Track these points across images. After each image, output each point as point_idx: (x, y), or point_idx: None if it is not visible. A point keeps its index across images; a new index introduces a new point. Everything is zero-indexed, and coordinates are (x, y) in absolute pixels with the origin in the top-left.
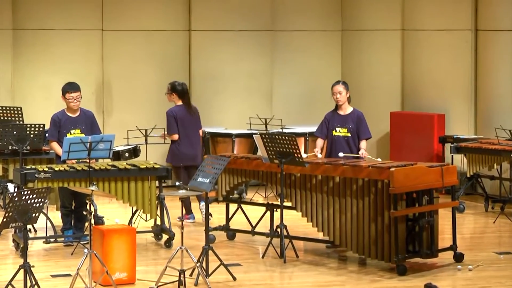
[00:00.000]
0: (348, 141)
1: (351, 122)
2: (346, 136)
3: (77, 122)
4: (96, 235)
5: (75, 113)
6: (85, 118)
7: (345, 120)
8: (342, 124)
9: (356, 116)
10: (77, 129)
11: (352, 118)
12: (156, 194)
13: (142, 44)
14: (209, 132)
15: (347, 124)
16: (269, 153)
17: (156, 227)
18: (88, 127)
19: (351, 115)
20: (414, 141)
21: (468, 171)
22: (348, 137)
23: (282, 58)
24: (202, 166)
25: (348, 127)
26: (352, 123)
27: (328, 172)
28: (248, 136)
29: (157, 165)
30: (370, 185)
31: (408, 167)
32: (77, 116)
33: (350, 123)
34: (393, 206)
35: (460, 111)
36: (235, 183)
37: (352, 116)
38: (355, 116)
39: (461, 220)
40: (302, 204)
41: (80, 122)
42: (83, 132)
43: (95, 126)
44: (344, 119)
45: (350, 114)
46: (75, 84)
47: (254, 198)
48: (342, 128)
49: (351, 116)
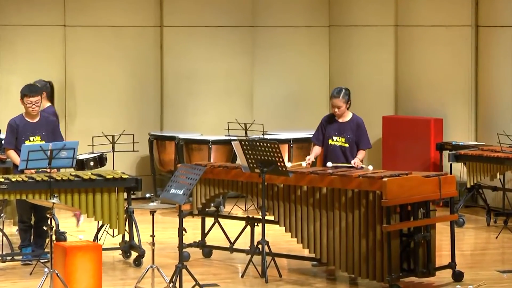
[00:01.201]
0: (345, 151)
1: (350, 131)
2: (343, 146)
3: (37, 128)
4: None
5: (34, 118)
6: (46, 124)
7: (343, 128)
8: (339, 133)
9: (356, 124)
10: (37, 136)
11: (351, 126)
12: (124, 207)
13: (109, 41)
14: (183, 139)
15: (345, 133)
16: (250, 161)
17: (124, 244)
18: (49, 133)
19: (350, 123)
20: (408, 149)
21: (468, 181)
22: (346, 147)
23: (263, 56)
24: (175, 176)
25: (346, 137)
26: (350, 132)
27: (315, 183)
28: (226, 143)
29: (126, 175)
30: (361, 197)
31: (402, 177)
32: (37, 121)
33: (348, 132)
34: (386, 220)
35: (459, 115)
36: (211, 194)
37: (351, 124)
38: (354, 124)
39: (461, 235)
40: (285, 217)
41: (40, 128)
42: (44, 139)
43: (57, 133)
44: (342, 128)
45: (349, 122)
46: (35, 87)
47: (233, 211)
48: (340, 137)
49: (350, 124)
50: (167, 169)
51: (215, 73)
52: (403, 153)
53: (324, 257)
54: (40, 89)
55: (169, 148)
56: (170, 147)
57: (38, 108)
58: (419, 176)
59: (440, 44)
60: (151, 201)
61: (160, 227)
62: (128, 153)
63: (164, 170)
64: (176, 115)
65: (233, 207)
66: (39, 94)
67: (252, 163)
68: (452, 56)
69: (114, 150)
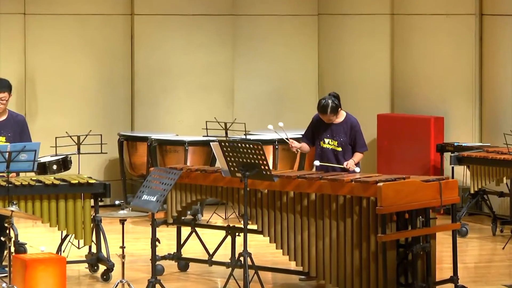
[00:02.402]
0: (337, 155)
1: (343, 134)
2: (335, 150)
3: (2, 128)
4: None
5: (1, 117)
6: (13, 124)
7: (336, 130)
8: (331, 135)
9: (350, 126)
10: (2, 137)
11: (344, 128)
12: (91, 215)
13: (75, 31)
14: (156, 139)
15: (337, 136)
16: (230, 164)
17: (91, 256)
18: (16, 134)
19: (343, 125)
20: (406, 150)
21: (472, 187)
22: (338, 151)
23: (245, 48)
24: (148, 181)
25: (339, 140)
26: (343, 135)
27: (302, 188)
28: (204, 144)
29: (92, 180)
30: (353, 204)
31: (399, 181)
32: (4, 120)
33: (341, 134)
34: (381, 229)
35: (462, 113)
36: (188, 201)
37: (344, 125)
38: (348, 125)
39: (464, 246)
40: (270, 227)
41: (6, 128)
42: (9, 141)
43: (26, 134)
44: (335, 130)
45: (342, 124)
46: (3, 82)
47: (212, 220)
48: (332, 140)
49: (343, 126)
50: (139, 173)
51: (191, 67)
52: (400, 156)
53: (313, 270)
54: (8, 84)
55: (141, 150)
56: (142, 149)
57: (3, 106)
58: (418, 180)
59: (441, 35)
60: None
61: (131, 237)
62: (95, 155)
63: (136, 174)
64: (149, 113)
65: (212, 215)
66: (7, 89)
67: (233, 166)
68: (454, 48)
69: (79, 152)
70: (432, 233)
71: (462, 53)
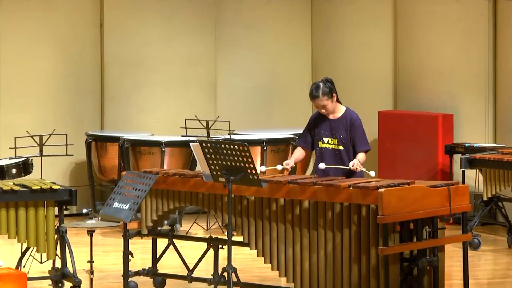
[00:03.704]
0: (340, 155)
1: (343, 130)
2: (337, 149)
3: None
4: None
5: None
6: None
7: (335, 127)
8: (331, 133)
9: (349, 121)
10: None
11: (344, 124)
12: (55, 225)
13: (36, 18)
14: (128, 140)
15: (337, 133)
16: (212, 168)
17: (55, 272)
18: None
19: (342, 120)
20: (410, 152)
21: (485, 193)
22: (340, 150)
23: (230, 37)
24: (119, 186)
25: (339, 137)
26: (344, 132)
27: (294, 195)
28: (183, 145)
29: (57, 186)
30: (351, 212)
31: (403, 187)
32: None
33: (341, 131)
34: (383, 241)
35: (473, 110)
36: (165, 210)
37: (343, 121)
38: (348, 121)
39: (476, 260)
40: (257, 238)
41: None
42: None
43: None
44: (335, 126)
45: (341, 119)
46: None
47: (192, 230)
48: (332, 139)
49: (342, 121)
50: (109, 177)
51: (168, 58)
52: (403, 158)
53: (306, 286)
54: None
55: (112, 152)
56: (112, 150)
57: None
58: (424, 186)
59: (450, 21)
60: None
61: (100, 250)
62: (60, 158)
63: (106, 179)
64: (120, 111)
65: (192, 225)
66: None
67: (216, 170)
68: (464, 36)
69: (42, 154)
70: (440, 245)
71: (474, 41)
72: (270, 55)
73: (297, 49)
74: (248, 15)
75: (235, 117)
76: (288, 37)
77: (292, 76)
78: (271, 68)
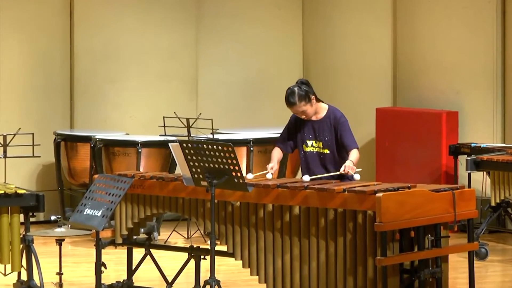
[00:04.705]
0: (324, 160)
1: (327, 131)
2: (322, 153)
3: None
4: None
5: None
6: None
7: (319, 128)
8: (314, 135)
9: (333, 119)
10: None
11: (328, 124)
12: (20, 234)
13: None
14: (101, 139)
15: (321, 135)
16: (194, 170)
17: (20, 285)
18: None
19: (325, 120)
20: (411, 152)
21: (493, 198)
22: (325, 154)
23: (213, 27)
24: (91, 191)
25: (324, 140)
26: (328, 133)
27: (283, 200)
28: (162, 145)
29: (22, 190)
30: (346, 219)
31: (403, 191)
32: None
33: (325, 132)
34: (381, 251)
35: (480, 106)
36: (141, 217)
37: (326, 120)
38: (331, 119)
39: (483, 271)
40: (243, 248)
41: None
42: None
43: None
44: (318, 127)
45: (325, 119)
46: None
47: (171, 239)
48: (316, 141)
49: (325, 121)
50: (80, 181)
51: (145, 50)
52: (403, 159)
53: None
54: None
55: (83, 153)
56: (84, 151)
57: None
58: (426, 190)
59: (455, 10)
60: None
61: (70, 261)
62: (26, 159)
63: (76, 182)
64: (92, 108)
65: (171, 233)
66: None
67: (197, 173)
68: (470, 26)
69: (6, 155)
70: (443, 255)
71: (481, 32)
72: (257, 47)
73: (287, 40)
74: (233, 3)
75: (219, 114)
76: (277, 27)
77: (281, 70)
78: (258, 61)
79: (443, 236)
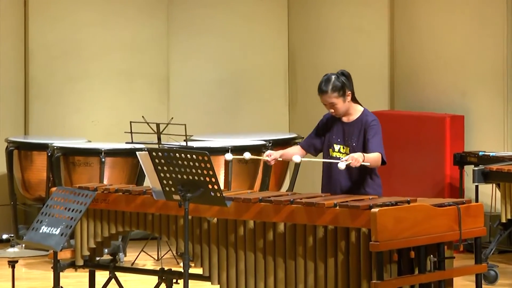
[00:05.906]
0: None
1: (356, 136)
2: None
3: None
4: None
5: None
6: None
7: (348, 132)
8: (343, 139)
9: (364, 124)
10: None
11: (358, 128)
12: None
13: None
14: (59, 148)
15: (350, 140)
16: (165, 183)
17: None
18: None
19: (357, 124)
20: (411, 161)
21: (503, 213)
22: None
23: (186, 19)
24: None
25: (351, 145)
26: (356, 138)
27: (266, 216)
28: (128, 154)
29: None
30: (338, 238)
31: (402, 206)
32: None
33: (354, 137)
34: (377, 274)
35: (488, 110)
36: (105, 235)
37: (358, 124)
38: (363, 124)
39: None
40: (221, 270)
41: None
42: None
43: None
44: (347, 131)
45: (356, 122)
46: None
47: (139, 261)
48: (344, 147)
49: (356, 125)
50: (35, 195)
51: (109, 46)
52: (402, 169)
53: None
54: None
55: (39, 163)
56: (39, 161)
57: None
58: (428, 205)
59: (459, 4)
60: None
61: (24, 285)
62: None
63: (31, 196)
64: (49, 111)
65: (139, 254)
66: None
67: (169, 185)
68: (477, 21)
69: None
70: (448, 279)
71: (489, 26)
72: (237, 42)
73: (270, 33)
74: None
75: (193, 119)
76: (259, 19)
77: (264, 68)
78: (238, 58)
79: (447, 257)
